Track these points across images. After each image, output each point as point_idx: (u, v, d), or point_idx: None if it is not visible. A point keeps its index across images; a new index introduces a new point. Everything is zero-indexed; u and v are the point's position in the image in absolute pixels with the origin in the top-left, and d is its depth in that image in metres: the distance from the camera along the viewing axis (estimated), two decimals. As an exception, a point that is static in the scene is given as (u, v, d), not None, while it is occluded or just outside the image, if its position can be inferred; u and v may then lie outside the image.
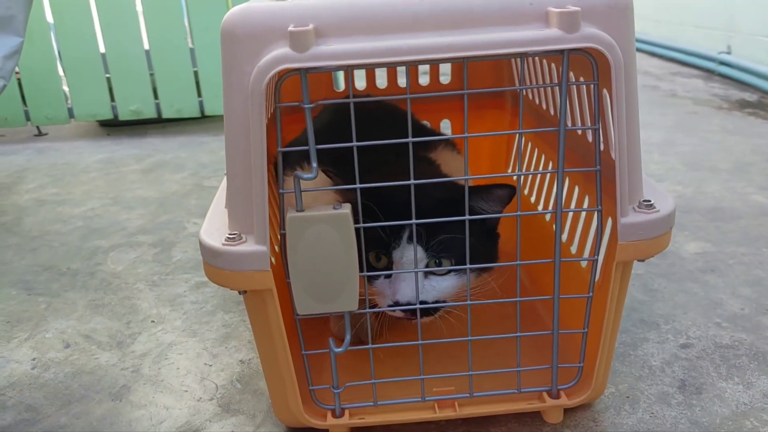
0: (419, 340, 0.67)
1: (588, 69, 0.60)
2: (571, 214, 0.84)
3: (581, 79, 0.69)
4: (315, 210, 0.59)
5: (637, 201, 0.63)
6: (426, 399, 0.70)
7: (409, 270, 0.69)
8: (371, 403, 0.70)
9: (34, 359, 0.91)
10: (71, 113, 2.22)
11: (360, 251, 0.61)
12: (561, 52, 0.56)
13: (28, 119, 2.21)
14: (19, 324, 1.01)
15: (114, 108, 2.21)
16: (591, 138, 0.71)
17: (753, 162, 1.62)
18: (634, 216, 0.61)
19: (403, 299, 0.69)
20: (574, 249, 0.81)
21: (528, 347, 0.78)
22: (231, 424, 0.75)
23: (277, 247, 0.72)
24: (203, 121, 2.34)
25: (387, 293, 0.71)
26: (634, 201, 0.62)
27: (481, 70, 1.13)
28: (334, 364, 0.66)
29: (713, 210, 1.32)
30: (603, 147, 0.64)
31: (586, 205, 0.75)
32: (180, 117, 2.24)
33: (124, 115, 2.21)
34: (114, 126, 2.36)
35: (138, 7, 2.11)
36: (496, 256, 0.78)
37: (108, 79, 2.18)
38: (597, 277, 0.67)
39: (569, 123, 0.74)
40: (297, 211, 0.59)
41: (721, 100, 2.34)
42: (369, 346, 0.67)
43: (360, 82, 1.10)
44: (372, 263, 0.72)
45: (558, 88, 0.59)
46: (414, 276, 0.68)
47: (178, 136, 2.20)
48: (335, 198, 0.70)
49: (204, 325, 0.97)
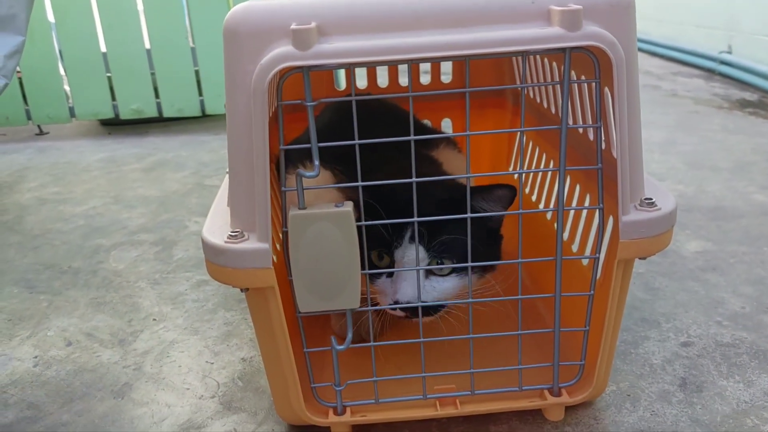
0: (421, 338, 0.67)
1: (589, 67, 0.60)
2: (573, 212, 0.84)
3: (583, 78, 0.70)
4: (317, 208, 0.59)
5: (639, 199, 0.63)
6: (427, 396, 0.70)
7: (411, 268, 0.69)
8: (373, 401, 0.70)
9: (36, 357, 0.91)
10: (72, 112, 2.22)
11: (362, 249, 0.62)
12: (563, 50, 0.56)
13: (29, 118, 2.21)
14: (21, 322, 1.01)
15: (115, 107, 2.21)
16: (592, 136, 0.71)
17: (754, 161, 1.62)
18: (635, 214, 0.61)
19: (404, 298, 0.69)
20: (575, 247, 0.81)
21: (529, 346, 0.79)
22: (233, 421, 0.76)
23: (279, 246, 0.73)
24: (204, 120, 2.34)
25: (388, 292, 0.71)
26: (635, 199, 0.62)
27: (483, 69, 1.13)
28: (335, 361, 0.67)
29: (714, 209, 1.32)
30: (604, 145, 0.65)
31: (587, 204, 0.75)
32: (181, 116, 2.24)
33: (125, 114, 2.21)
34: (115, 125, 2.36)
35: (139, 7, 2.11)
36: (498, 257, 0.78)
37: (109, 78, 2.18)
38: (598, 275, 0.67)
39: (571, 121, 0.74)
40: (299, 209, 0.59)
41: (722, 99, 2.34)
42: (371, 343, 0.67)
43: (361, 81, 1.11)
44: (374, 262, 0.72)
45: (559, 86, 0.59)
46: (415, 276, 0.68)
47: (179, 135, 2.20)
48: (338, 196, 0.71)
49: (205, 323, 0.98)
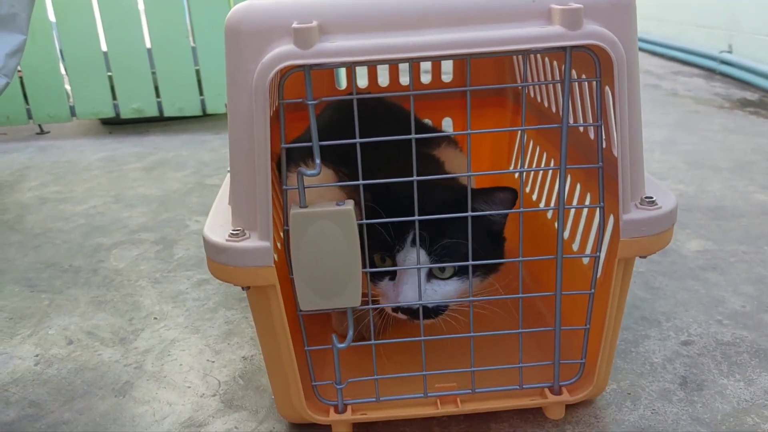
0: (422, 336, 0.68)
1: (590, 66, 0.60)
2: (573, 211, 0.84)
3: (583, 77, 0.70)
4: (318, 206, 0.59)
5: (639, 198, 0.63)
6: (428, 395, 0.70)
7: (412, 267, 0.69)
8: (374, 399, 0.70)
9: (37, 355, 0.91)
10: (73, 111, 2.22)
11: (363, 248, 0.62)
12: (563, 49, 0.56)
13: (30, 117, 2.21)
14: (22, 320, 1.01)
15: (116, 106, 2.21)
16: (593, 135, 0.71)
17: (754, 161, 1.62)
18: (636, 212, 0.62)
19: (405, 302, 0.69)
20: (575, 246, 0.81)
21: (530, 344, 0.79)
22: (234, 420, 0.76)
23: (280, 244, 0.73)
24: (205, 120, 2.34)
25: (390, 295, 0.71)
26: (636, 198, 0.63)
27: (483, 68, 1.13)
28: (336, 360, 0.67)
29: (714, 208, 1.32)
30: (605, 144, 0.65)
31: (587, 203, 0.75)
32: (182, 115, 2.24)
33: (126, 114, 2.21)
34: (116, 124, 2.36)
35: (140, 6, 2.11)
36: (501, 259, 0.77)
37: (110, 78, 2.18)
38: (599, 274, 0.67)
39: (571, 120, 0.74)
40: (300, 208, 0.59)
41: (723, 99, 2.34)
42: (371, 342, 0.67)
43: (362, 80, 1.11)
44: (377, 265, 0.72)
45: (560, 85, 0.59)
46: (416, 280, 0.68)
47: (179, 134, 2.20)
48: (341, 196, 0.71)
49: (206, 322, 0.98)
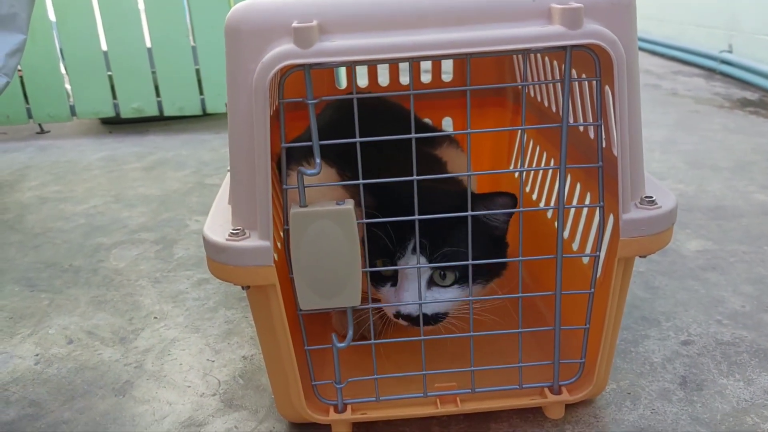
0: (421, 336, 0.68)
1: (590, 66, 0.60)
2: (573, 211, 0.84)
3: (583, 76, 0.70)
4: (318, 206, 0.59)
5: (639, 197, 0.63)
6: (428, 394, 0.70)
7: (412, 266, 0.69)
8: (373, 399, 0.70)
9: (37, 355, 0.91)
10: (73, 111, 2.22)
11: (362, 248, 0.62)
12: (563, 48, 0.56)
13: (30, 117, 2.21)
14: (22, 320, 1.01)
15: (116, 106, 2.21)
16: (593, 135, 0.71)
17: (754, 161, 1.62)
18: (635, 212, 0.62)
19: (405, 310, 0.69)
20: (575, 246, 0.81)
21: (529, 344, 0.79)
22: (234, 419, 0.76)
23: (280, 244, 0.73)
24: (205, 119, 2.34)
25: (391, 301, 0.71)
26: (635, 197, 0.63)
27: (483, 68, 1.13)
28: (336, 359, 0.67)
29: (715, 208, 1.32)
30: (605, 144, 0.65)
31: (587, 202, 0.75)
32: (182, 115, 2.24)
33: (126, 113, 2.21)
34: (116, 124, 2.36)
35: (140, 5, 2.11)
36: (504, 265, 0.76)
37: (110, 77, 2.18)
38: (599, 274, 0.67)
39: (571, 120, 0.74)
40: (300, 207, 0.59)
41: (723, 98, 2.34)
42: (371, 341, 0.67)
43: (362, 80, 1.11)
44: (380, 272, 0.72)
45: (560, 84, 0.59)
46: (417, 287, 0.68)
47: (179, 133, 2.20)
48: (343, 195, 0.71)
49: (206, 322, 0.98)
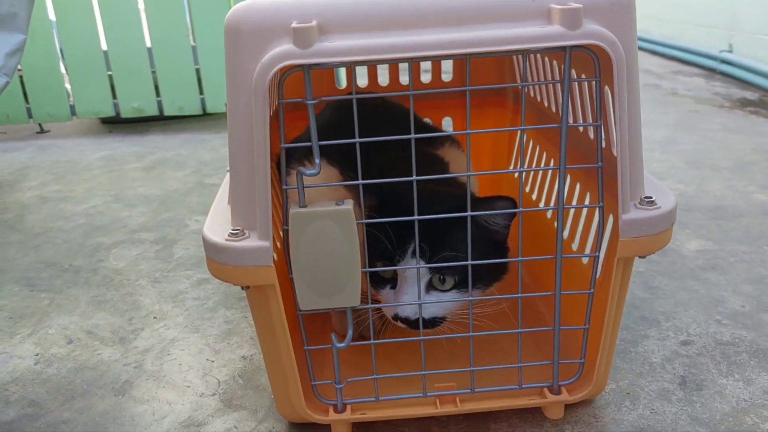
0: (421, 336, 0.68)
1: (590, 66, 0.60)
2: (573, 211, 0.84)
3: (583, 76, 0.70)
4: (318, 206, 0.59)
5: (639, 197, 0.63)
6: (427, 394, 0.70)
7: (411, 266, 0.69)
8: (373, 399, 0.70)
9: (37, 355, 0.91)
10: (73, 110, 2.22)
11: (362, 247, 0.62)
12: (563, 48, 0.56)
13: (30, 116, 2.21)
14: (22, 320, 1.01)
15: (116, 105, 2.21)
16: (593, 135, 0.71)
17: (754, 161, 1.62)
18: (635, 212, 0.62)
19: (403, 314, 0.69)
20: (575, 246, 0.81)
21: (529, 344, 0.79)
22: (233, 419, 0.76)
23: (280, 244, 0.73)
24: (205, 119, 2.34)
25: (390, 303, 0.71)
26: (635, 197, 0.63)
27: (483, 68, 1.13)
28: (336, 359, 0.67)
29: (714, 208, 1.32)
30: (604, 144, 0.65)
31: (587, 203, 0.75)
32: (182, 114, 2.24)
33: (126, 113, 2.21)
34: (116, 123, 2.36)
35: (140, 5, 2.11)
36: (504, 271, 0.75)
37: (110, 77, 2.18)
38: (598, 274, 0.67)
39: (571, 120, 0.74)
40: (300, 207, 0.59)
41: (723, 98, 2.34)
42: (371, 341, 0.67)
43: (362, 80, 1.11)
44: (380, 273, 0.72)
45: (560, 85, 0.59)
46: (416, 291, 0.69)
47: (179, 133, 2.20)
48: (345, 195, 0.70)
49: (206, 321, 0.98)
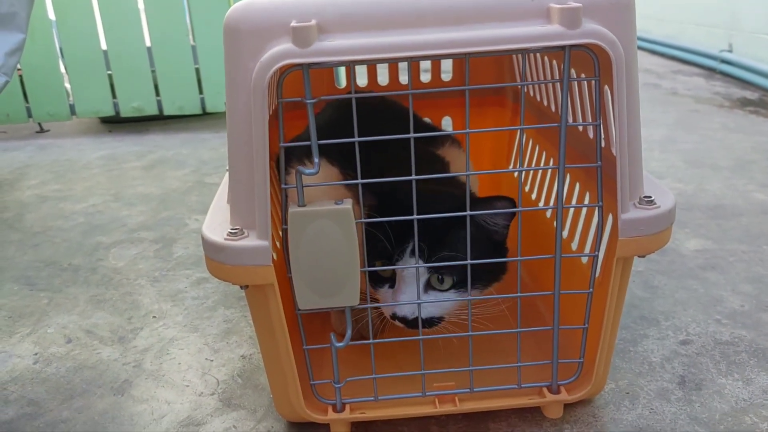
0: (420, 335, 0.68)
1: (589, 65, 0.60)
2: (572, 211, 0.84)
3: (582, 76, 0.70)
4: (317, 205, 0.59)
5: (638, 197, 0.63)
6: (426, 394, 0.70)
7: (410, 266, 0.69)
8: (372, 398, 0.70)
9: (36, 354, 0.91)
10: (73, 110, 2.22)
11: (361, 247, 0.62)
12: (562, 48, 0.56)
13: (29, 116, 2.21)
14: (21, 319, 1.01)
15: (116, 105, 2.21)
16: (592, 134, 0.71)
17: (754, 160, 1.62)
18: (634, 212, 0.62)
19: (401, 313, 0.70)
20: (574, 245, 0.81)
21: (528, 344, 0.79)
22: (232, 418, 0.76)
23: (279, 244, 0.73)
24: (205, 118, 2.34)
25: (389, 303, 0.71)
26: (634, 197, 0.63)
27: (483, 67, 1.13)
28: (335, 358, 0.67)
29: (714, 207, 1.32)
30: (604, 143, 0.65)
31: (586, 202, 0.75)
32: (181, 114, 2.24)
33: (125, 112, 2.21)
34: (115, 123, 2.36)
35: (140, 5, 2.11)
36: (503, 271, 0.75)
37: (110, 76, 2.18)
38: (597, 273, 0.67)
39: (570, 119, 0.74)
40: (299, 206, 0.59)
41: (723, 98, 2.34)
42: (370, 341, 0.67)
43: (361, 79, 1.10)
44: (379, 272, 0.72)
45: (559, 84, 0.59)
46: (414, 291, 0.69)
47: (179, 133, 2.20)
48: (346, 195, 0.70)
49: (205, 321, 0.98)
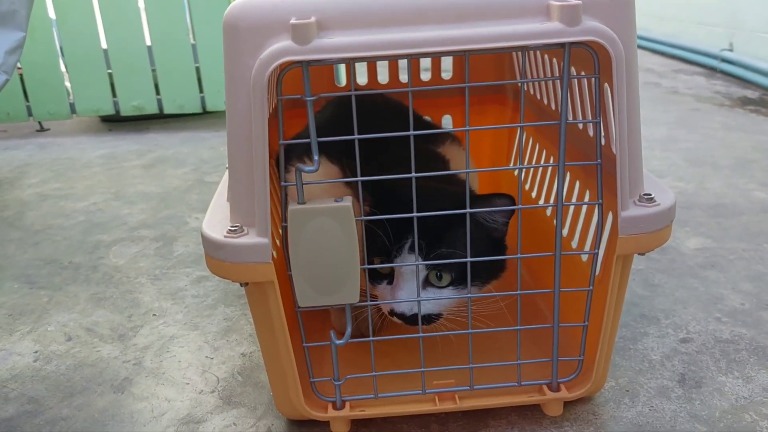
0: (420, 333, 0.68)
1: (589, 63, 0.60)
2: (572, 209, 0.84)
3: (582, 73, 0.70)
4: (316, 202, 0.59)
5: (638, 194, 0.63)
6: (426, 391, 0.70)
7: (409, 264, 0.69)
8: (372, 396, 0.70)
9: (36, 352, 0.91)
10: (73, 109, 2.22)
11: (361, 245, 0.62)
12: (562, 45, 0.56)
13: (30, 114, 2.21)
14: (22, 317, 1.01)
15: (116, 103, 2.21)
16: (592, 132, 0.71)
17: (754, 159, 1.62)
18: (634, 209, 0.62)
19: (398, 309, 0.70)
20: (574, 244, 0.81)
21: (528, 342, 0.79)
22: (232, 416, 0.76)
23: (279, 241, 0.73)
24: (205, 117, 2.34)
25: (386, 299, 0.71)
26: (634, 194, 0.62)
27: (483, 65, 1.13)
28: (335, 356, 0.67)
29: (714, 206, 1.32)
30: (604, 141, 0.65)
31: (586, 200, 0.75)
32: (182, 113, 2.24)
33: (125, 111, 2.21)
34: (116, 121, 2.36)
35: (140, 3, 2.11)
36: (503, 269, 0.75)
37: (110, 75, 2.18)
38: (597, 271, 0.67)
39: (570, 117, 0.74)
40: (299, 204, 0.59)
41: (723, 97, 2.34)
42: (370, 338, 0.67)
43: (361, 78, 1.10)
44: (377, 269, 0.72)
45: (559, 81, 0.59)
46: (412, 287, 0.68)
47: (179, 131, 2.20)
48: (347, 193, 0.70)
49: (205, 319, 0.98)
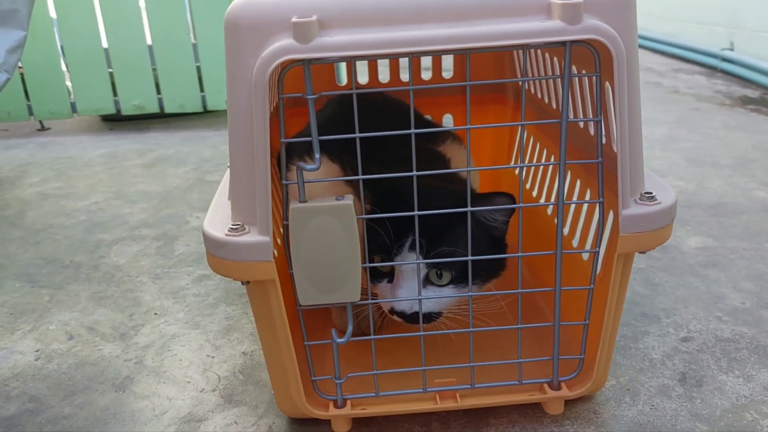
0: (421, 331, 0.68)
1: (590, 61, 0.60)
2: (573, 208, 0.84)
3: (583, 72, 0.70)
4: (318, 201, 0.59)
5: (639, 193, 0.63)
6: (427, 390, 0.70)
7: (410, 262, 0.69)
8: (373, 394, 0.70)
9: (37, 350, 0.92)
10: (74, 108, 2.22)
11: (362, 243, 0.62)
12: (563, 43, 0.56)
13: (31, 114, 2.21)
14: (23, 316, 1.01)
15: (117, 103, 2.21)
16: (593, 131, 0.71)
17: (755, 158, 1.62)
18: (635, 208, 0.62)
19: (398, 307, 0.70)
20: (575, 242, 0.81)
21: (529, 340, 0.79)
22: (233, 414, 0.76)
23: (280, 239, 0.73)
24: (206, 116, 2.34)
25: (386, 297, 0.71)
26: (635, 193, 0.63)
27: (484, 64, 1.13)
28: (336, 354, 0.67)
29: (715, 205, 1.32)
30: (605, 140, 0.65)
31: (587, 199, 0.75)
32: (182, 112, 2.24)
33: (126, 110, 2.21)
34: (117, 121, 2.36)
35: (141, 3, 2.11)
36: (503, 267, 0.75)
37: (111, 74, 2.18)
38: (598, 270, 0.67)
39: (571, 116, 0.74)
40: (300, 202, 0.59)
41: (724, 96, 2.34)
42: (371, 337, 0.67)
43: (362, 77, 1.11)
44: (378, 268, 0.72)
45: (560, 80, 0.59)
46: (412, 285, 0.69)
47: (180, 131, 2.20)
48: (348, 191, 0.70)
49: (206, 317, 0.98)
